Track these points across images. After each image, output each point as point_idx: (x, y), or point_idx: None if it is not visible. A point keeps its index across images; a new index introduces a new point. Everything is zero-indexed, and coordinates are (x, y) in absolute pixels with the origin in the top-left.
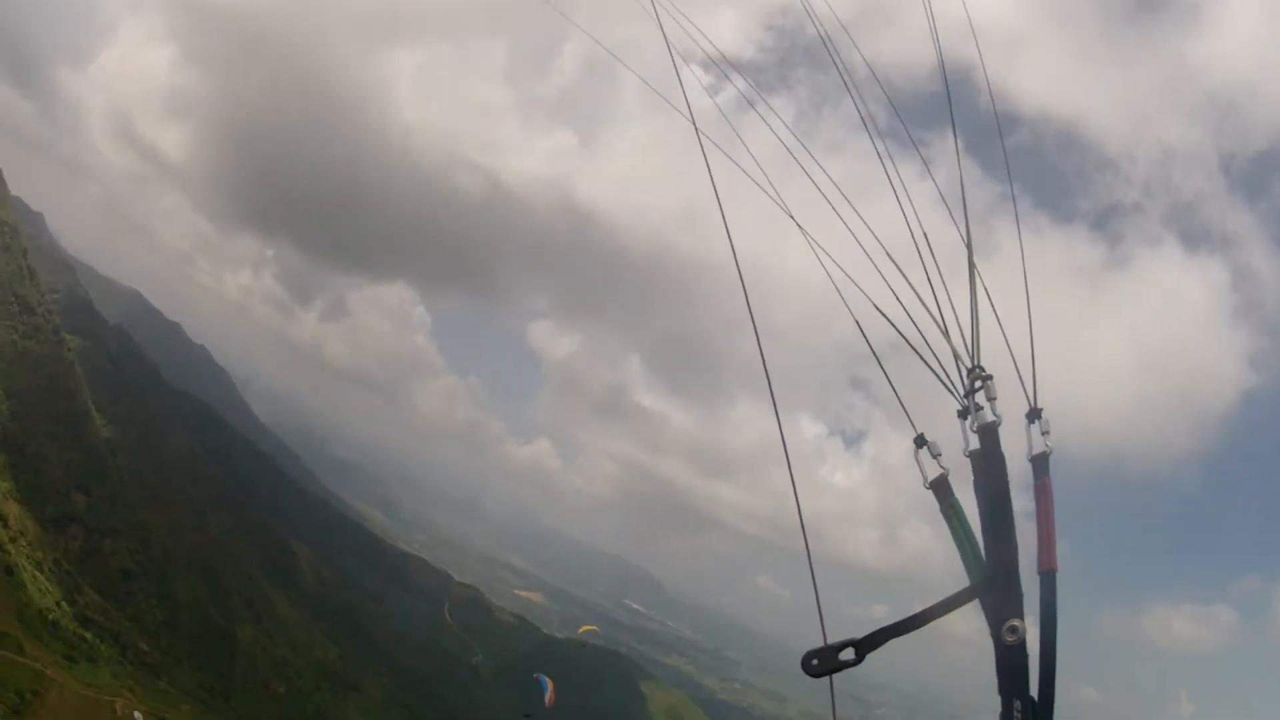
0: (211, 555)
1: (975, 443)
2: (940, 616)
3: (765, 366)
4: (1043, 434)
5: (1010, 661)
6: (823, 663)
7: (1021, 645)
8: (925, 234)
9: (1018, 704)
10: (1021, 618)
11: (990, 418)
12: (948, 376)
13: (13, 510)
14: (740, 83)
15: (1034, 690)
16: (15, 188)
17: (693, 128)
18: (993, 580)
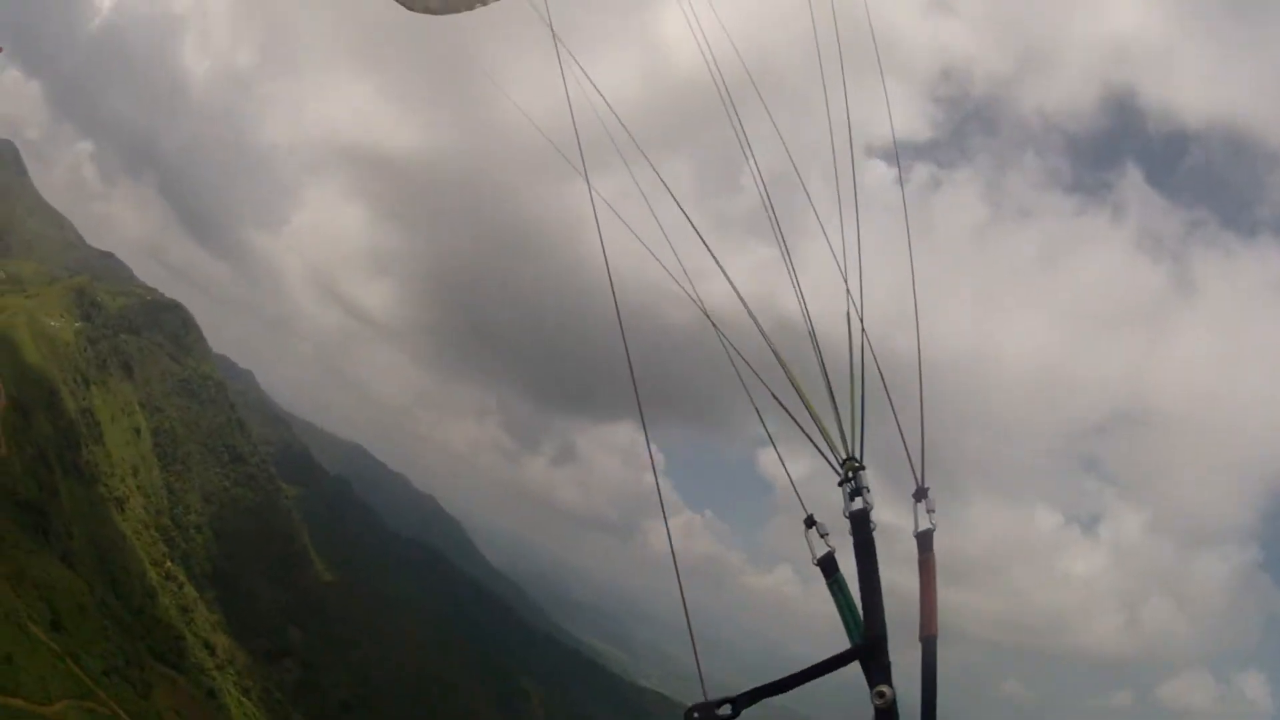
0: (434, 692)
1: (848, 529)
2: (819, 677)
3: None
4: (929, 512)
5: None
6: (703, 717)
7: (889, 710)
8: (813, 329)
9: None
10: (889, 684)
11: (860, 506)
12: (835, 463)
13: (221, 641)
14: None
15: None
16: (220, 346)
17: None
18: (865, 648)
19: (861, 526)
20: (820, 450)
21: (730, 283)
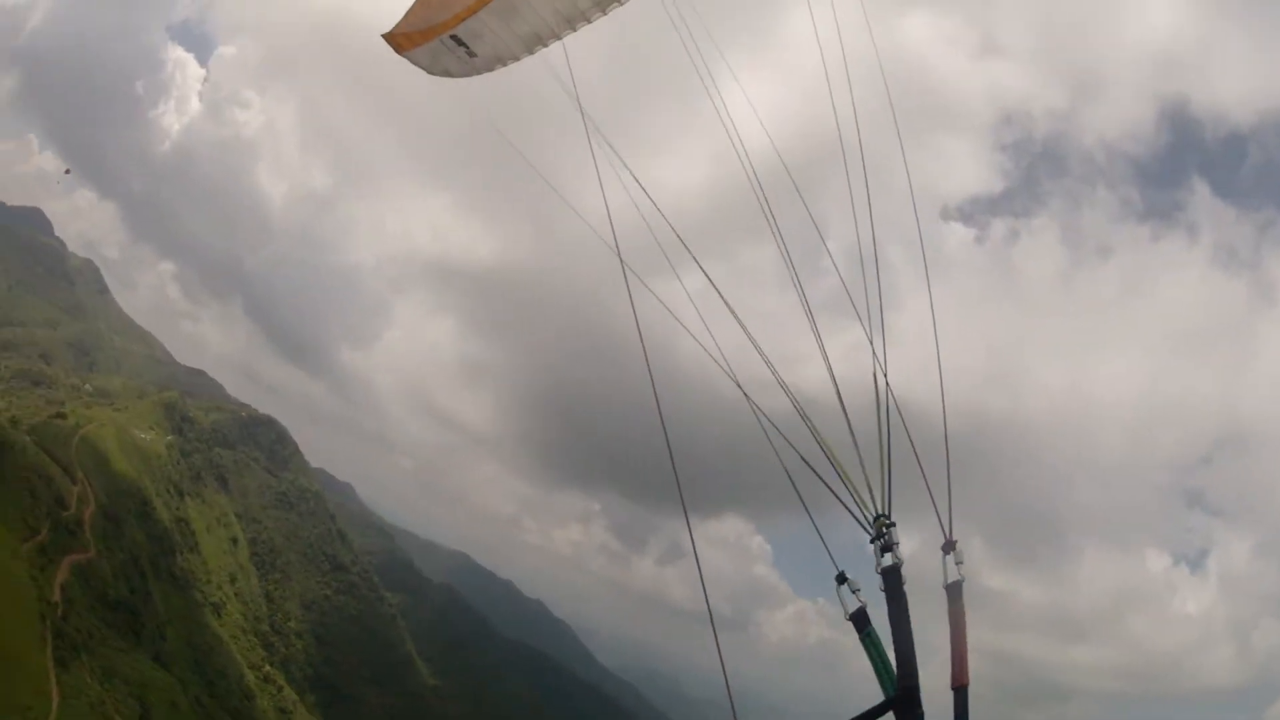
0: None
1: (880, 584)
2: None
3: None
4: (957, 564)
5: None
6: None
7: None
8: (839, 389)
9: None
10: None
11: (891, 562)
12: (865, 521)
13: None
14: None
15: None
16: (319, 460)
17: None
18: (899, 699)
19: (893, 581)
20: (849, 508)
21: (763, 356)
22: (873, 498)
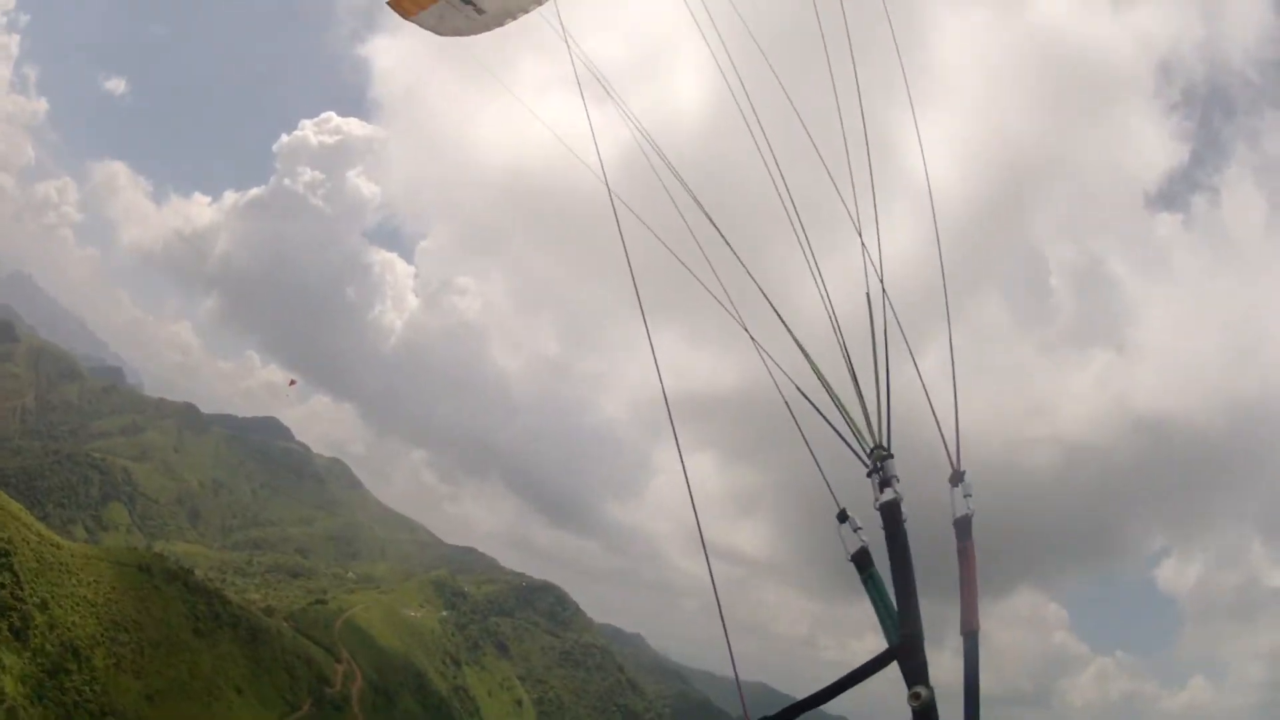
0: None
1: (879, 521)
2: (858, 683)
3: None
4: (965, 497)
5: None
6: None
7: (927, 711)
8: (833, 313)
9: None
10: (926, 684)
11: (891, 496)
12: (862, 453)
13: None
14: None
15: None
16: (604, 616)
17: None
18: (902, 646)
19: (893, 519)
20: (844, 439)
21: (753, 277)
22: (871, 430)
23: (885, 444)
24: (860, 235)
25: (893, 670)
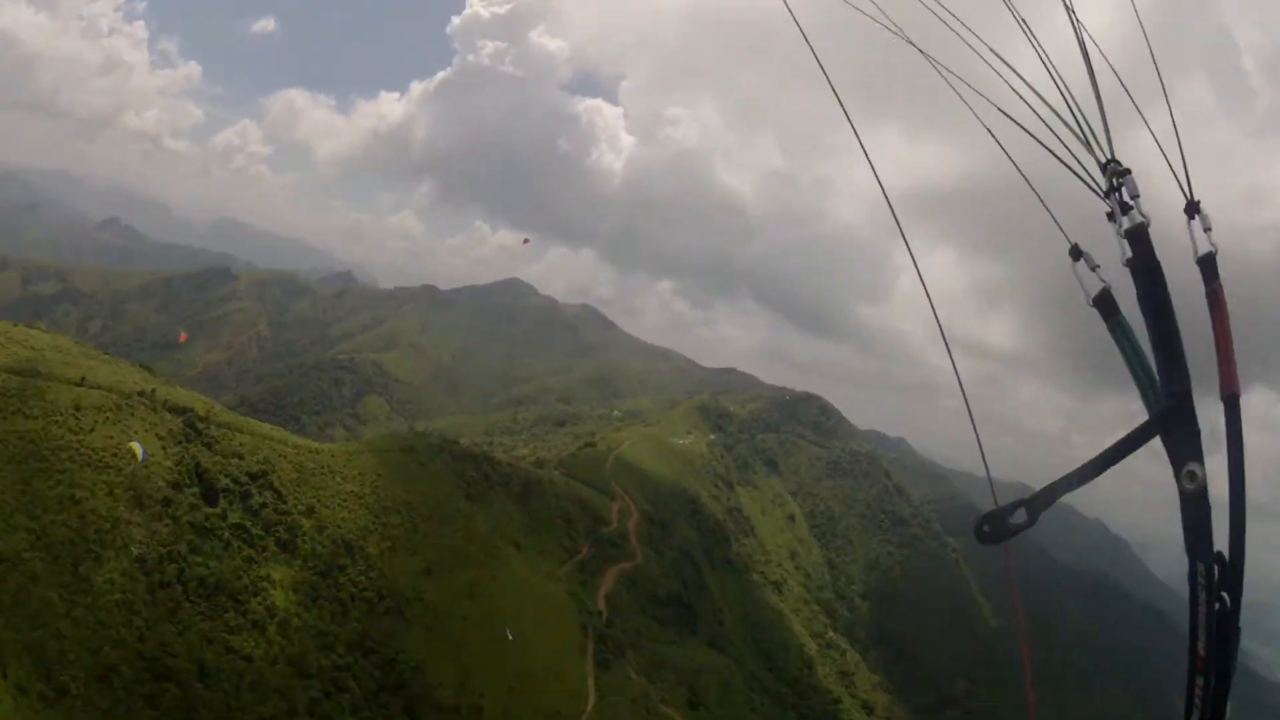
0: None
1: (1128, 250)
2: (1118, 461)
3: None
4: (1205, 231)
5: (1192, 513)
6: (994, 529)
7: (1201, 494)
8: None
9: (1201, 567)
10: (1200, 461)
11: (1139, 219)
12: (1087, 176)
13: (881, 700)
14: None
15: (1223, 545)
16: (867, 422)
17: None
18: (1168, 414)
19: (1142, 247)
20: (1065, 164)
21: None
22: (1100, 145)
23: (1115, 157)
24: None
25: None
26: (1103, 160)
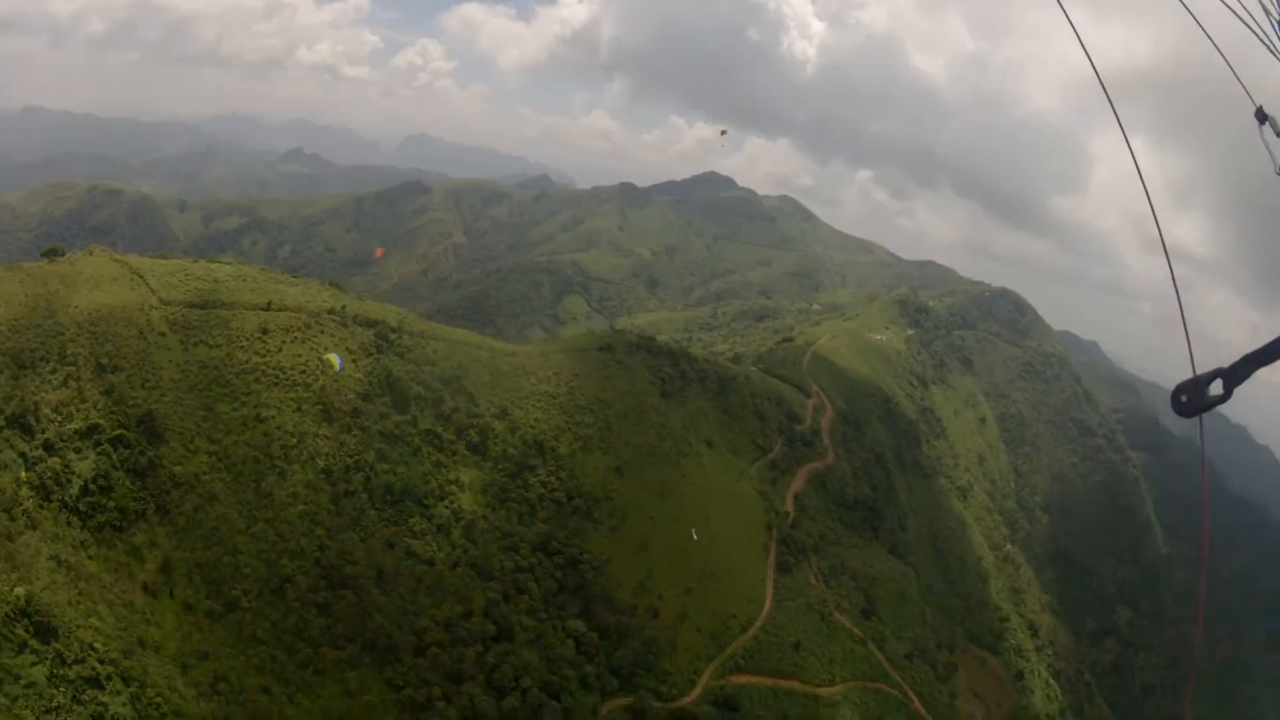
0: (1230, 677)
1: None
2: None
3: None
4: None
5: None
6: (1191, 400)
7: None
8: None
9: None
10: None
11: None
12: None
13: (1046, 622)
14: None
15: None
16: (1061, 323)
17: None
18: None
19: None
20: (1253, 31)
21: None
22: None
23: None
24: None
25: None
26: None
